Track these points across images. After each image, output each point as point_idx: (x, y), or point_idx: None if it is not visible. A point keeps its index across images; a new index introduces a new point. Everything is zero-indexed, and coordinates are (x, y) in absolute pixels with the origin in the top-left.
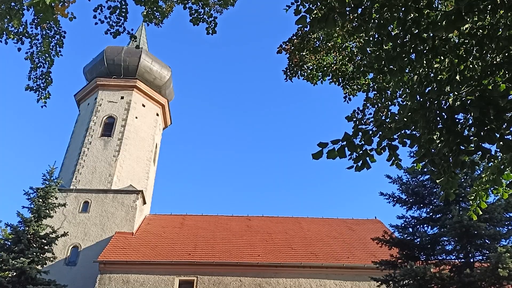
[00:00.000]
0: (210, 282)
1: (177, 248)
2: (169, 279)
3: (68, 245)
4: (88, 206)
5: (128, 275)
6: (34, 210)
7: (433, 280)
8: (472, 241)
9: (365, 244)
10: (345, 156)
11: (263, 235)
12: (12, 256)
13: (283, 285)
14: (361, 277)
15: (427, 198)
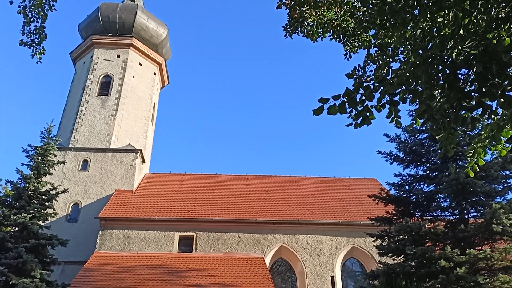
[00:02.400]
0: (209, 238)
1: (176, 206)
2: (169, 235)
3: (69, 202)
4: (87, 164)
5: (129, 231)
6: (34, 167)
7: (428, 235)
8: (467, 198)
9: (361, 202)
10: (346, 111)
11: (261, 193)
12: (14, 212)
13: (280, 241)
14: (356, 233)
15: (425, 157)
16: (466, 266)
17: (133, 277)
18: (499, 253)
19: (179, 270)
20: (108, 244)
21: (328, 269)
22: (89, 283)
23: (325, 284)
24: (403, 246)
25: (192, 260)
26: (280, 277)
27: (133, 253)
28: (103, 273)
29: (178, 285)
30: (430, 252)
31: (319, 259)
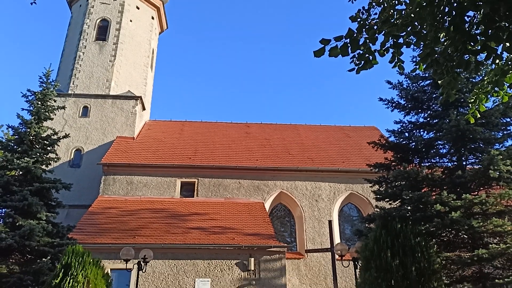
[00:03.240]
0: (211, 184)
1: (177, 153)
2: (171, 180)
3: (71, 148)
4: (87, 111)
5: (132, 177)
6: (34, 112)
7: (425, 181)
8: (466, 145)
9: (360, 150)
10: (348, 54)
11: (262, 141)
12: (16, 156)
13: (280, 187)
14: (355, 180)
15: (426, 104)
16: (461, 211)
17: (136, 220)
18: (494, 198)
19: (181, 214)
20: (111, 189)
21: (326, 214)
22: (94, 225)
23: (322, 228)
24: (400, 191)
25: (193, 205)
26: (279, 221)
27: (136, 197)
28: (107, 216)
29: (180, 227)
30: (426, 197)
31: (318, 204)
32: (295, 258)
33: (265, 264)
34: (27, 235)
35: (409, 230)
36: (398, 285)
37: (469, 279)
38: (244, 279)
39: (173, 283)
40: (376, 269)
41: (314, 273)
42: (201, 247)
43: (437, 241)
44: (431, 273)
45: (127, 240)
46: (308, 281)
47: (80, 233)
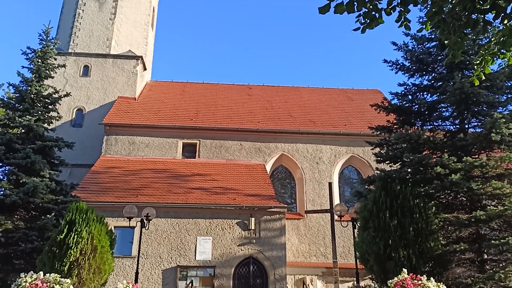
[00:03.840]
0: (212, 145)
1: (179, 114)
2: (173, 141)
3: (73, 107)
4: (88, 70)
5: (134, 137)
6: (34, 70)
7: (426, 144)
8: (469, 108)
9: (363, 113)
10: (354, 11)
11: (263, 103)
12: (18, 114)
13: (281, 150)
14: (356, 143)
15: (431, 66)
16: (461, 173)
17: (139, 180)
18: (494, 161)
19: (183, 175)
20: (113, 149)
21: (326, 176)
22: (97, 184)
23: (322, 190)
24: (401, 153)
25: (195, 166)
26: (280, 183)
27: (138, 157)
28: (110, 176)
29: (182, 187)
30: (427, 159)
31: (318, 167)
32: (295, 219)
33: (265, 223)
34: (31, 192)
35: (409, 192)
36: (396, 245)
37: (466, 240)
38: (245, 237)
39: (175, 241)
40: (374, 229)
41: (313, 233)
42: (202, 207)
43: (436, 203)
44: (428, 234)
45: (130, 199)
46: (307, 241)
47: (83, 191)
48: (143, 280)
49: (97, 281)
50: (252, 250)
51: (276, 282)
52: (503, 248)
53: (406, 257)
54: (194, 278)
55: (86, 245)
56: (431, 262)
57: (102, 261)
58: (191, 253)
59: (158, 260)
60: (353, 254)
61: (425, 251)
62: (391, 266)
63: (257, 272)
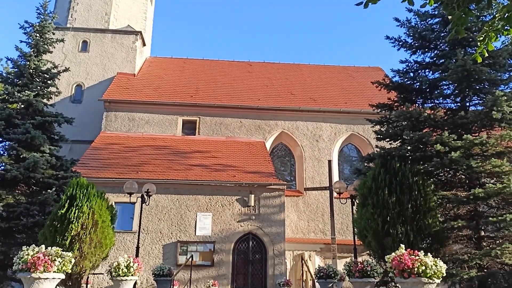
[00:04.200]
0: (212, 122)
1: (179, 90)
2: (172, 118)
3: (72, 83)
4: (87, 45)
5: (133, 114)
6: (33, 44)
7: (427, 121)
8: (471, 85)
9: (363, 91)
10: None
11: (264, 80)
12: (17, 90)
13: (281, 127)
14: (356, 121)
15: (433, 43)
16: (461, 151)
17: (139, 156)
18: (494, 139)
19: (183, 152)
20: (113, 126)
21: (326, 154)
22: (97, 160)
23: (322, 167)
24: (401, 131)
25: (195, 143)
26: (280, 161)
27: (138, 134)
28: (110, 152)
29: (182, 164)
30: (427, 137)
31: (318, 144)
32: (294, 196)
33: (265, 200)
34: (32, 167)
35: (408, 169)
36: (394, 221)
37: (463, 217)
38: (244, 214)
39: (175, 216)
40: (373, 206)
41: (312, 210)
42: (202, 183)
43: (435, 181)
44: (426, 211)
45: (130, 175)
46: (306, 217)
47: (83, 167)
48: (144, 255)
49: (98, 255)
50: (251, 226)
51: (275, 257)
52: (500, 225)
53: (404, 233)
54: (194, 253)
55: (87, 219)
56: (429, 238)
57: (103, 236)
58: (191, 229)
59: (158, 235)
60: (351, 231)
61: (423, 227)
62: (388, 242)
63: (256, 247)
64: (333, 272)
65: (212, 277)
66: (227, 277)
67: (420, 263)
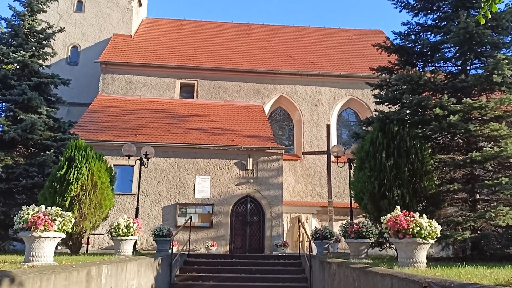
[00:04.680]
0: (210, 86)
1: (176, 53)
2: (170, 81)
3: (67, 45)
4: (82, 5)
5: (130, 76)
6: (26, 3)
7: (427, 85)
8: (473, 48)
9: (364, 54)
10: None
11: (263, 43)
12: (12, 50)
13: (280, 91)
14: (356, 85)
15: (436, 4)
16: (460, 115)
17: (137, 120)
18: (494, 103)
19: (181, 115)
20: (110, 88)
21: (324, 118)
22: (95, 123)
23: (320, 132)
24: (401, 95)
25: (193, 106)
26: (278, 125)
27: (135, 97)
28: (108, 115)
29: (181, 128)
30: (427, 101)
31: (317, 109)
32: (292, 160)
33: (263, 164)
34: (29, 128)
35: (406, 133)
36: (390, 184)
37: (460, 180)
38: (242, 177)
39: (174, 179)
40: (370, 169)
41: (310, 173)
42: (201, 147)
43: (432, 145)
44: (423, 174)
45: (129, 138)
46: (303, 181)
47: (81, 129)
48: (144, 216)
49: (98, 216)
50: (249, 189)
51: (272, 219)
52: (496, 189)
53: (400, 196)
54: (193, 215)
55: (86, 181)
56: (424, 201)
57: (103, 197)
58: (190, 192)
59: (157, 198)
60: (347, 194)
61: (419, 190)
62: (384, 204)
63: (254, 210)
64: (329, 233)
65: (211, 238)
66: (225, 238)
67: (415, 224)
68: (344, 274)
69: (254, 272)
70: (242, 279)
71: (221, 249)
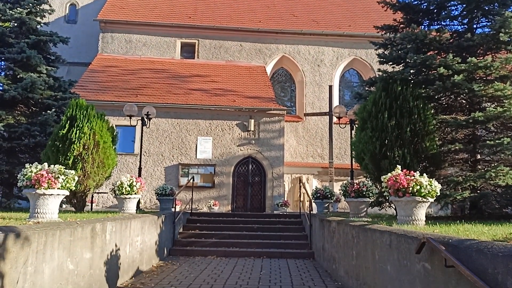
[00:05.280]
0: (211, 45)
1: (177, 11)
2: (170, 41)
3: (65, 2)
4: None
5: (130, 35)
6: None
7: (432, 44)
8: (480, 6)
9: (368, 13)
10: None
11: (265, 1)
12: (9, 7)
13: (282, 51)
14: (359, 45)
15: None
16: (464, 74)
17: (138, 80)
18: (499, 62)
19: (182, 75)
20: (110, 47)
21: (327, 79)
22: (96, 83)
23: (322, 93)
24: (405, 54)
25: (194, 67)
26: (280, 86)
27: (136, 57)
28: (108, 75)
29: (182, 88)
30: (431, 60)
31: (320, 69)
32: (294, 121)
33: (265, 125)
34: (29, 87)
35: (409, 93)
36: (392, 144)
37: (461, 141)
38: (244, 138)
39: (176, 140)
40: (371, 129)
41: (311, 135)
42: (203, 108)
43: (435, 105)
44: (425, 134)
45: (130, 98)
46: (305, 142)
47: (82, 89)
48: (146, 176)
49: (101, 175)
50: (251, 150)
51: (274, 180)
52: (497, 149)
53: (401, 156)
54: (195, 175)
55: (88, 140)
56: (425, 161)
57: (105, 156)
58: (192, 152)
59: (160, 158)
60: (348, 156)
61: (420, 150)
62: (385, 164)
63: (256, 170)
64: (329, 193)
65: (213, 197)
66: (227, 198)
67: (415, 183)
68: (343, 231)
69: (255, 230)
70: (244, 236)
71: (223, 208)
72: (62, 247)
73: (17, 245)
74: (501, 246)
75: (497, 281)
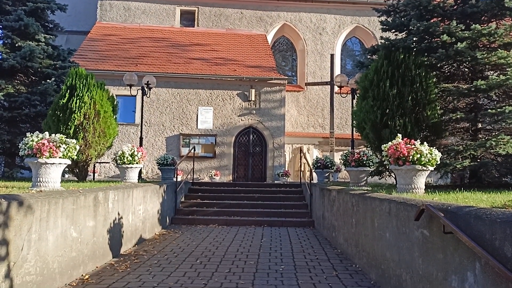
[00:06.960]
0: (211, 13)
1: None
2: (170, 8)
3: None
4: None
5: (129, 3)
6: None
7: (435, 10)
8: None
9: None
10: None
11: None
12: None
13: (283, 19)
14: (362, 12)
15: None
16: (467, 42)
17: (137, 49)
18: (504, 29)
19: (182, 44)
20: (109, 15)
21: (328, 48)
22: (95, 52)
23: (324, 62)
24: (408, 21)
25: (194, 35)
26: (281, 55)
27: (135, 25)
28: (107, 44)
29: (182, 57)
30: (434, 27)
31: (321, 38)
32: (295, 91)
33: (265, 95)
34: (28, 56)
35: (412, 61)
36: (393, 114)
37: (463, 109)
38: (245, 108)
39: (177, 110)
40: (373, 98)
41: (312, 105)
42: (203, 77)
43: (438, 74)
44: (426, 103)
45: (130, 67)
46: (306, 112)
47: (81, 59)
48: (148, 146)
49: (102, 144)
50: (252, 120)
51: (275, 150)
52: (498, 118)
53: (401, 125)
54: (196, 145)
55: (89, 109)
56: (426, 130)
57: (106, 125)
58: (193, 122)
59: (161, 128)
60: (349, 126)
61: (421, 119)
62: (386, 133)
63: (257, 140)
64: (330, 162)
65: (214, 167)
66: (228, 168)
67: (415, 151)
68: (343, 200)
69: (256, 199)
70: (245, 205)
71: (224, 178)
72: (65, 215)
73: (20, 213)
74: (500, 212)
75: (494, 247)
